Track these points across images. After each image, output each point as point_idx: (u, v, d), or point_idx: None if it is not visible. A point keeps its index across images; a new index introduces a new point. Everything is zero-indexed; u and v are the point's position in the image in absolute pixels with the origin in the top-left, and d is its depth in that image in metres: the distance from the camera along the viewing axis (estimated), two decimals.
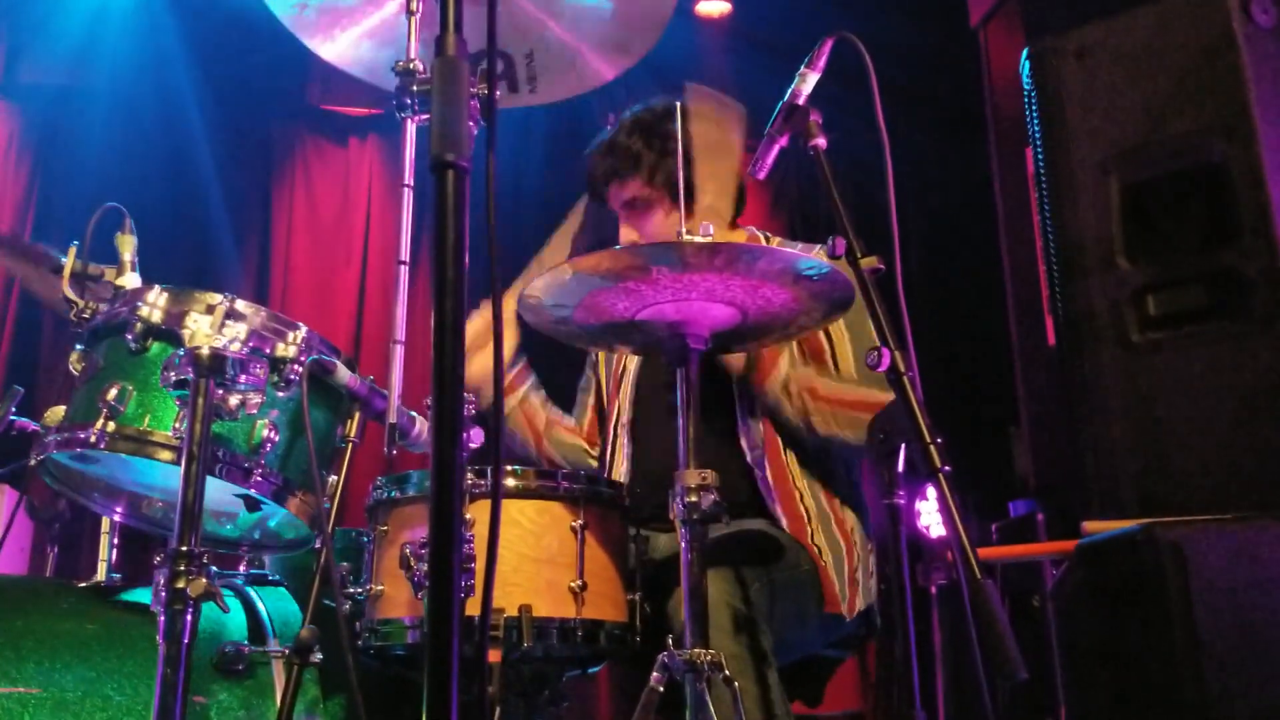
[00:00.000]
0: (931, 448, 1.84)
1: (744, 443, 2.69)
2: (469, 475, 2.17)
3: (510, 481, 2.25)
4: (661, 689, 2.00)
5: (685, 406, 2.11)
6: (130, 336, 2.11)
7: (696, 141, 2.70)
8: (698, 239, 1.98)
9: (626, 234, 2.91)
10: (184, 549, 1.85)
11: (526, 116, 5.26)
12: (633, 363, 3.00)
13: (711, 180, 2.77)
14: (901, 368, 1.93)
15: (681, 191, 2.31)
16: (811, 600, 2.59)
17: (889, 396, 2.52)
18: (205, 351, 1.97)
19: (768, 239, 2.93)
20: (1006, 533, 4.46)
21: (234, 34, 5.27)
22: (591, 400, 3.16)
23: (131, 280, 2.31)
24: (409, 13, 1.67)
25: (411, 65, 1.64)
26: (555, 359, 3.23)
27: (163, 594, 1.84)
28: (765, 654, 2.34)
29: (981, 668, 1.75)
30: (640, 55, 2.13)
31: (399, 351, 1.63)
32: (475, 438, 1.99)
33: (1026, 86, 2.59)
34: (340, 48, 2.05)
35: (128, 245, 2.36)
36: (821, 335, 2.72)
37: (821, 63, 2.23)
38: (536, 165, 5.31)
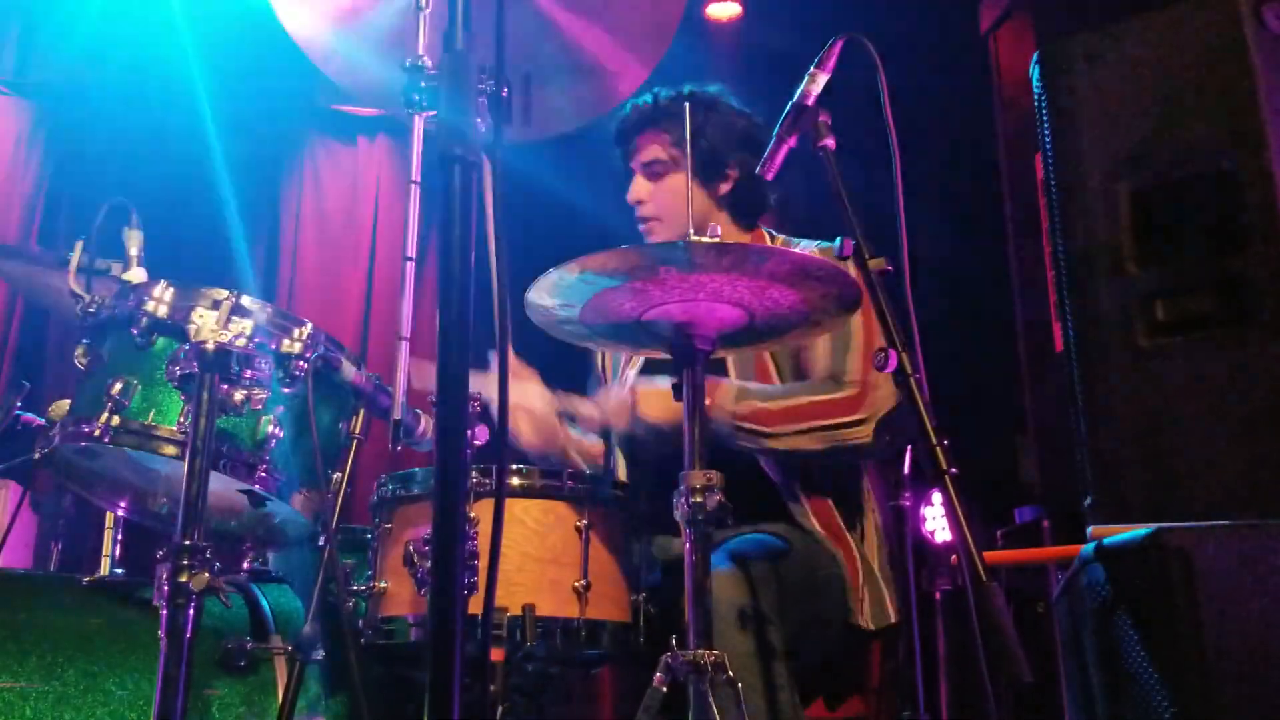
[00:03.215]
0: (938, 449, 1.84)
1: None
2: (473, 474, 2.16)
3: (515, 480, 2.25)
4: (664, 690, 1.99)
5: (691, 408, 2.10)
6: (136, 331, 2.12)
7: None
8: (705, 239, 1.97)
9: (635, 189, 2.91)
10: (187, 544, 1.86)
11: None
12: (634, 369, 3.00)
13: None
14: (908, 369, 1.93)
15: (689, 194, 2.30)
16: (828, 603, 2.59)
17: (841, 394, 2.56)
18: (211, 346, 1.97)
19: (772, 237, 2.93)
20: (1012, 538, 4.46)
21: (244, 33, 5.27)
22: None
23: (138, 275, 2.32)
24: (419, 8, 1.66)
25: (420, 62, 1.64)
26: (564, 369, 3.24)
27: (165, 589, 1.84)
28: (775, 651, 2.33)
29: (986, 671, 1.74)
30: (646, 71, 2.12)
31: (405, 348, 1.63)
32: (480, 436, 1.99)
33: (1036, 92, 2.58)
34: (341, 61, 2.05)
35: (134, 240, 2.36)
36: None
37: (831, 64, 2.23)
38: (543, 161, 5.30)
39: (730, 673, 1.98)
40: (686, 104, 2.40)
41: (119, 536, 2.65)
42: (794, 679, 2.36)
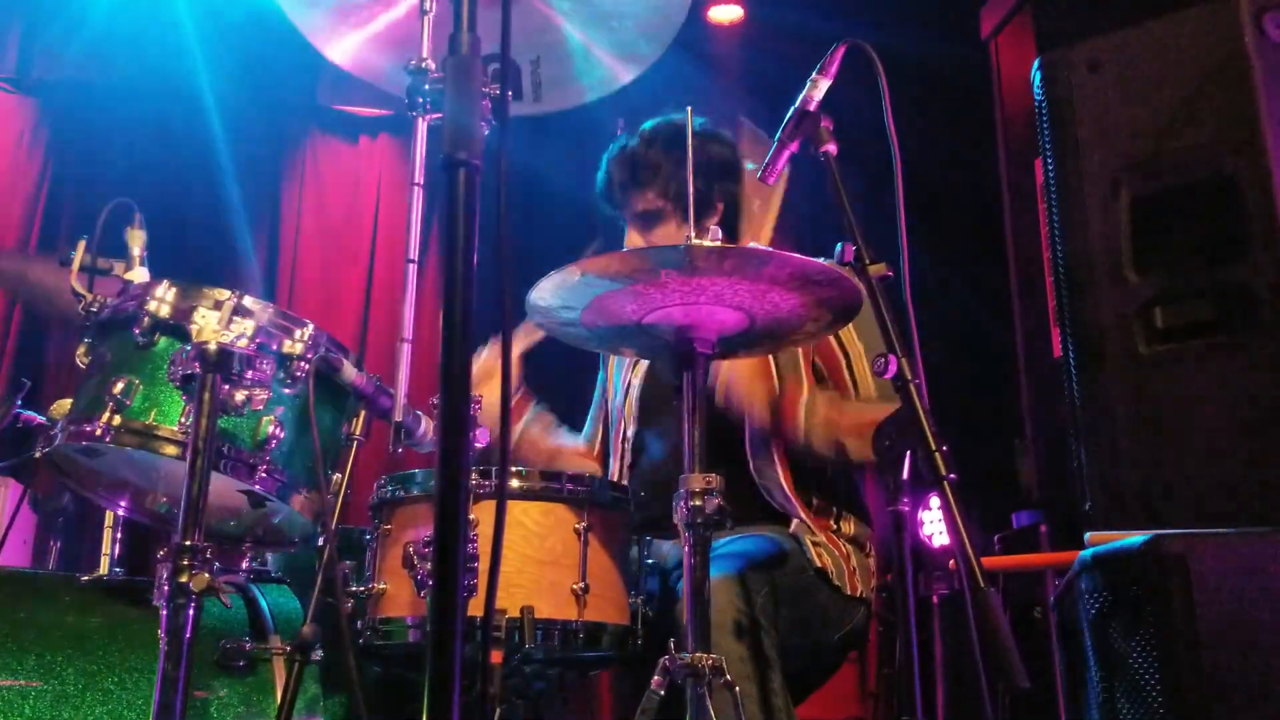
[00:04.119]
0: (937, 455, 1.84)
1: (748, 450, 2.71)
2: (474, 475, 2.17)
3: (515, 482, 2.25)
4: (662, 692, 2.00)
5: (692, 411, 2.11)
6: (138, 331, 2.12)
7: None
8: (706, 243, 1.97)
9: (631, 242, 2.91)
10: (188, 543, 1.86)
11: (538, 115, 5.25)
12: (637, 377, 3.01)
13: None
14: (908, 375, 1.93)
15: (691, 201, 2.31)
16: (817, 604, 2.60)
17: None
18: (212, 347, 1.97)
19: None
20: (1009, 543, 4.46)
21: (246, 33, 5.28)
22: (601, 417, 3.17)
23: (140, 275, 2.32)
24: (423, 11, 1.67)
25: (424, 64, 1.64)
26: (567, 381, 3.25)
27: (165, 588, 1.84)
28: (769, 659, 2.34)
29: (983, 677, 1.75)
30: (650, 61, 2.13)
31: (406, 350, 1.64)
32: (481, 437, 1.99)
33: (1037, 98, 2.58)
34: (348, 49, 2.05)
35: (137, 240, 2.37)
36: (837, 349, 2.74)
37: (833, 69, 2.24)
38: (546, 164, 5.32)
39: (728, 676, 1.98)
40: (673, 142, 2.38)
41: (119, 536, 2.65)
42: (787, 684, 2.37)
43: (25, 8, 5.48)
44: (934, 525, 4.56)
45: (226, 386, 1.98)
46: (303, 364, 2.16)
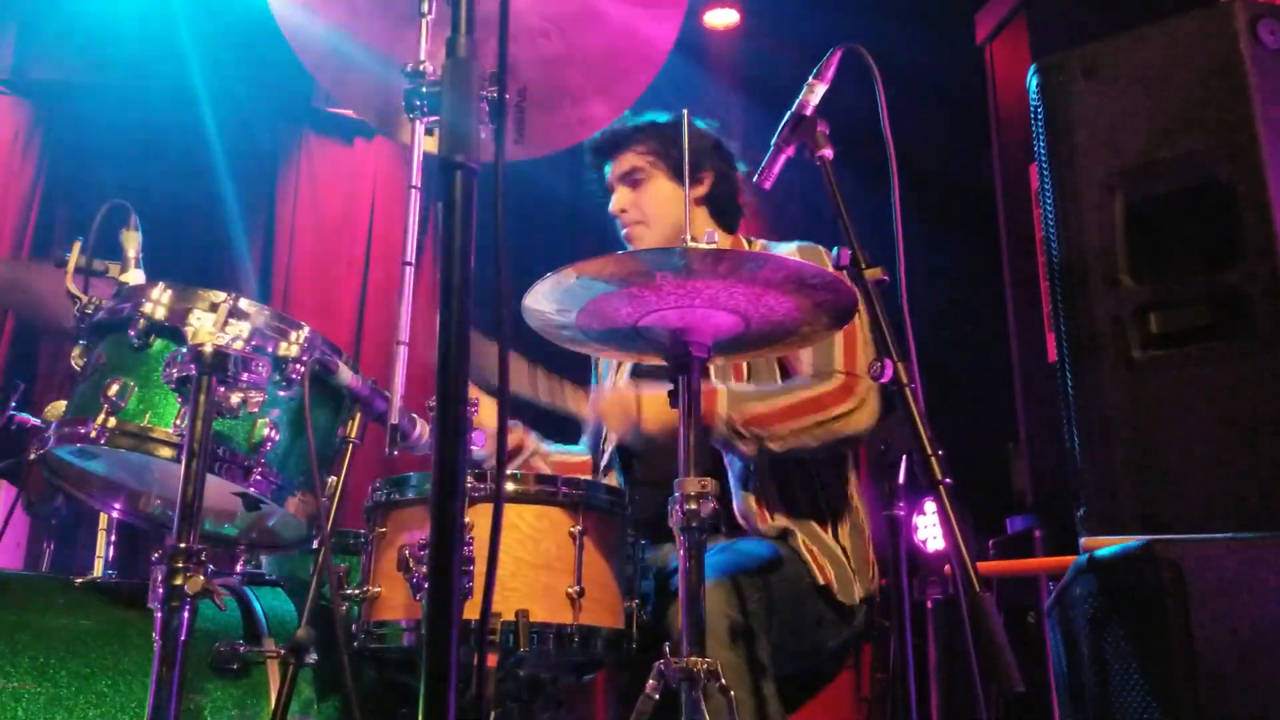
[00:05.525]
0: (933, 459, 1.84)
1: (725, 461, 2.70)
2: (469, 478, 2.16)
3: (510, 486, 2.24)
4: (657, 697, 1.99)
5: (687, 415, 2.10)
6: (133, 333, 2.12)
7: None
8: (702, 245, 1.97)
9: (618, 200, 2.95)
10: (182, 546, 1.85)
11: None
12: (623, 382, 3.00)
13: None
14: (904, 379, 1.93)
15: (686, 200, 2.31)
16: (811, 612, 2.59)
17: (831, 385, 2.56)
18: (208, 349, 1.97)
19: (750, 243, 2.95)
20: (1004, 548, 4.46)
21: (241, 35, 5.28)
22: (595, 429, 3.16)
23: (136, 277, 2.32)
24: (421, 14, 1.67)
25: (421, 66, 1.64)
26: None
27: (160, 590, 1.84)
28: (762, 664, 2.34)
29: (978, 681, 1.75)
30: (634, 97, 2.13)
31: (402, 353, 1.63)
32: (477, 441, 1.99)
33: (1032, 103, 2.59)
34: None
35: (132, 242, 2.37)
36: None
37: (829, 74, 2.24)
38: (543, 167, 5.32)
39: (723, 681, 1.98)
40: (656, 118, 2.42)
41: (113, 538, 2.65)
42: (780, 690, 2.37)
43: (21, 9, 5.47)
44: (929, 530, 4.58)
45: (222, 389, 1.98)
46: (298, 366, 2.16)
